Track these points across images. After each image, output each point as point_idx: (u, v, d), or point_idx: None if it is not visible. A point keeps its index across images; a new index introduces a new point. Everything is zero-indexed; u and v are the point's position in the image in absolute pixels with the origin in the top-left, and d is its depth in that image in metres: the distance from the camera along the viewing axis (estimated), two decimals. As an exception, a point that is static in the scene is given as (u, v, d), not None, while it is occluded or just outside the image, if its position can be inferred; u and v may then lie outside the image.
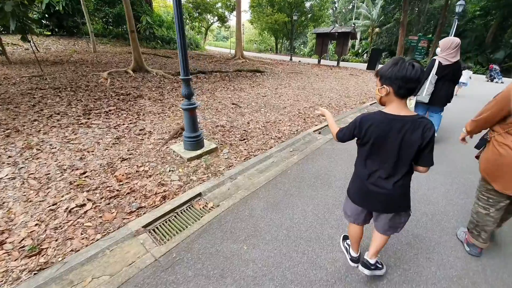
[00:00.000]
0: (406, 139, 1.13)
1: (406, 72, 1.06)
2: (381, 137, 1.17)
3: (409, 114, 1.14)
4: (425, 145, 1.13)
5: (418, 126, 1.11)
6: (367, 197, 1.33)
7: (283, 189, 2.53)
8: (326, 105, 6.02)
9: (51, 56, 10.87)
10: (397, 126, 1.13)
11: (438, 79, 3.47)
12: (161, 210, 2.26)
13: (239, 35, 15.63)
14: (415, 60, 1.10)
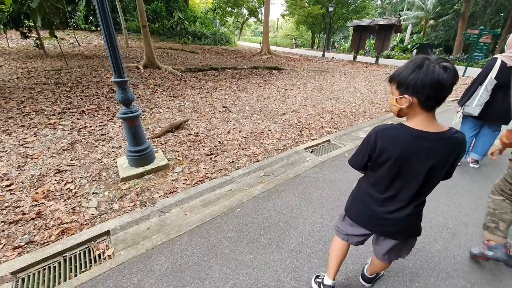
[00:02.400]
0: (439, 162, 0.92)
1: (438, 76, 0.81)
2: (404, 159, 0.94)
3: (441, 130, 0.91)
4: (455, 163, 0.96)
5: (454, 144, 0.90)
6: (375, 220, 1.10)
7: (209, 243, 1.81)
8: (338, 113, 4.95)
9: (86, 51, 11.63)
10: (426, 145, 0.90)
11: (498, 85, 2.38)
12: (45, 252, 1.77)
13: (266, 29, 14.78)
14: (445, 60, 0.83)
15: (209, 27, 22.03)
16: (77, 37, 15.03)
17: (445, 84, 0.82)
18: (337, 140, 3.74)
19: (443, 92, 0.84)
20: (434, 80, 0.82)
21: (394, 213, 1.03)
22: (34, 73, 6.49)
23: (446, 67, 0.81)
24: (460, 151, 0.92)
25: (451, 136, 0.90)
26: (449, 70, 0.81)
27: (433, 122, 0.91)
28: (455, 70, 0.83)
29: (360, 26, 13.41)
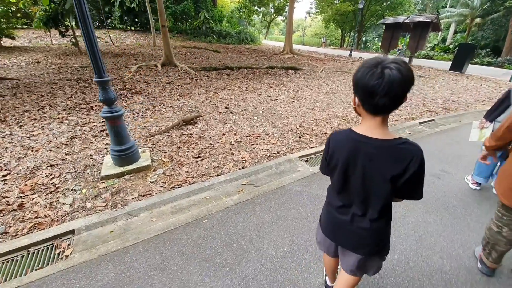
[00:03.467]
0: (373, 168, 0.86)
1: (368, 81, 0.76)
2: (349, 164, 0.90)
3: (385, 137, 0.84)
4: (408, 178, 0.84)
5: (397, 154, 0.83)
6: (337, 230, 1.06)
7: (162, 256, 1.70)
8: (349, 118, 4.54)
9: (117, 49, 12.41)
10: (368, 151, 0.86)
11: None
12: (12, 244, 1.82)
13: (290, 28, 14.39)
14: (400, 63, 0.75)
15: (234, 26, 22.21)
16: (112, 36, 16.15)
17: (375, 91, 0.75)
18: (339, 149, 3.40)
19: (375, 98, 0.76)
20: (364, 84, 0.77)
21: (351, 224, 0.99)
22: (63, 69, 7.07)
23: (384, 72, 0.73)
24: (409, 164, 0.82)
25: (396, 145, 0.83)
26: (385, 76, 0.73)
27: (379, 128, 0.85)
28: (397, 79, 0.73)
29: (393, 23, 12.34)
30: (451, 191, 2.43)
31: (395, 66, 0.74)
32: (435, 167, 2.90)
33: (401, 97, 0.77)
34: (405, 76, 0.74)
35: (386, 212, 0.97)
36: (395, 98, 0.77)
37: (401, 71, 0.74)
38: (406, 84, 0.75)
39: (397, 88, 0.74)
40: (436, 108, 5.45)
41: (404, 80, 0.74)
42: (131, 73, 6.80)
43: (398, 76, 0.73)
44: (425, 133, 4.06)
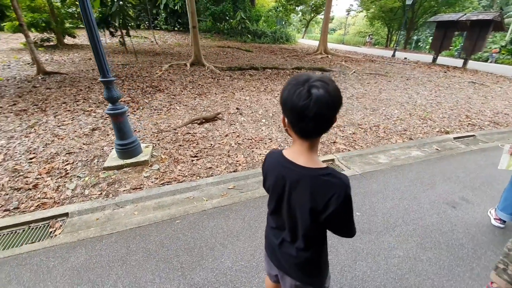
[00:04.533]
0: (296, 198, 0.78)
1: (297, 100, 0.65)
2: (277, 188, 0.83)
3: (308, 166, 0.75)
4: (330, 215, 0.73)
5: (318, 186, 0.73)
6: (272, 251, 0.99)
7: (127, 249, 1.80)
8: (366, 127, 4.14)
9: (159, 48, 13.45)
10: (292, 178, 0.78)
11: None
12: (19, 219, 2.12)
13: (325, 27, 13.76)
14: (326, 81, 0.66)
15: (271, 25, 22.15)
16: (156, 36, 17.57)
17: (304, 113, 0.65)
18: (344, 161, 3.14)
19: (304, 121, 0.66)
20: (292, 105, 0.66)
21: (280, 248, 0.92)
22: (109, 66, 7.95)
23: (311, 91, 0.63)
24: (330, 200, 0.71)
25: (318, 176, 0.73)
26: (313, 97, 0.63)
27: (306, 153, 0.76)
28: (319, 99, 0.63)
29: (445, 21, 10.82)
30: (464, 226, 2.04)
31: (322, 85, 0.64)
32: (453, 193, 2.46)
33: (330, 120, 0.68)
34: (333, 97, 0.65)
35: (316, 244, 0.88)
36: (324, 121, 0.68)
37: (328, 91, 0.64)
38: (334, 105, 0.66)
39: (325, 110, 0.65)
40: (481, 122, 4.62)
41: (333, 100, 0.65)
42: (161, 72, 7.31)
43: (326, 97, 0.63)
44: (457, 150, 3.47)
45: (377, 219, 2.08)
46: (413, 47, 26.25)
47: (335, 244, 1.82)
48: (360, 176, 2.76)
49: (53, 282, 1.57)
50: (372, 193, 2.44)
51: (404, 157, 3.31)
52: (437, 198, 2.38)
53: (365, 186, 2.56)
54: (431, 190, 2.50)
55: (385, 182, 2.65)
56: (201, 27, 21.27)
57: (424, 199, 2.36)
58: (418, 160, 3.16)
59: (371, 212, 2.17)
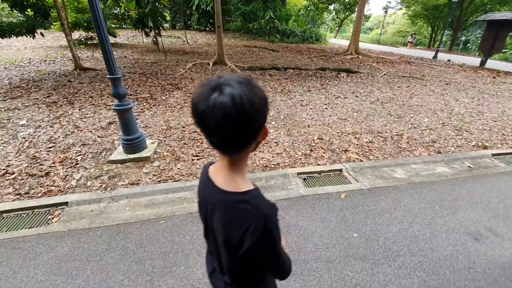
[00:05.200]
0: (213, 225, 0.65)
1: (199, 106, 0.51)
2: (201, 207, 0.72)
3: (225, 188, 0.61)
4: (247, 250, 0.57)
5: (232, 215, 0.59)
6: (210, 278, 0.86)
7: (108, 246, 1.81)
8: (387, 136, 3.73)
9: (189, 48, 13.96)
10: (210, 200, 0.65)
11: None
12: (25, 203, 2.29)
13: (357, 26, 12.95)
14: (243, 84, 0.51)
15: (301, 25, 21.64)
16: (188, 36, 18.30)
17: (203, 122, 0.51)
18: (353, 172, 2.85)
19: (208, 133, 0.53)
20: (193, 111, 0.54)
21: (211, 278, 0.81)
22: (138, 64, 8.46)
23: (210, 98, 0.49)
24: (245, 234, 0.56)
25: (234, 201, 0.59)
26: (209, 104, 0.49)
27: (224, 171, 0.62)
28: (217, 107, 0.48)
29: (498, 20, 9.41)
30: (485, 264, 1.67)
31: (230, 91, 0.49)
32: (479, 222, 2.06)
33: (241, 133, 0.52)
34: (237, 105, 0.48)
35: (247, 281, 0.72)
36: (231, 135, 0.52)
37: (233, 97, 0.48)
38: (240, 116, 0.49)
39: (225, 121, 0.49)
40: (534, 137, 3.88)
41: (237, 110, 0.48)
42: (184, 70, 7.54)
43: (227, 105, 0.48)
44: (494, 170, 2.94)
45: (377, 245, 1.82)
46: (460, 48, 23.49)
47: (319, 268, 1.62)
48: (368, 191, 2.46)
49: (35, 269, 1.64)
50: (377, 213, 2.15)
51: (427, 173, 2.90)
52: (457, 226, 2.01)
53: (371, 203, 2.28)
54: (451, 216, 2.12)
55: (396, 200, 2.33)
56: (230, 27, 21.64)
57: (440, 226, 2.01)
58: (442, 178, 2.74)
59: (371, 235, 1.90)
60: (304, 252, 1.73)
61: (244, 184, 0.62)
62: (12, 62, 7.82)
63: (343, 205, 2.24)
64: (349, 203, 2.26)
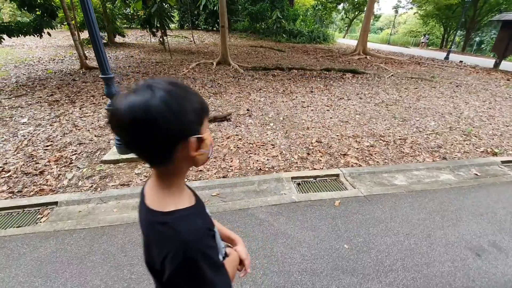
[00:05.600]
0: (147, 252, 0.59)
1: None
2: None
3: (151, 206, 0.55)
4: (168, 279, 0.50)
5: (152, 237, 0.54)
6: None
7: (89, 248, 1.78)
8: (389, 140, 3.58)
9: (195, 47, 14.01)
10: (140, 216, 0.61)
11: None
12: (17, 202, 2.29)
13: (366, 25, 12.65)
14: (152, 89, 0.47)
15: (309, 25, 21.40)
16: (196, 36, 18.39)
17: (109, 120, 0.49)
18: (350, 177, 2.74)
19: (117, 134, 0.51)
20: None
21: None
22: (143, 63, 8.54)
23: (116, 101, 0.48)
24: (165, 260, 0.50)
25: (154, 222, 0.54)
26: (117, 106, 0.47)
27: (154, 187, 0.58)
28: (113, 110, 0.47)
29: (517, 18, 8.97)
30: (487, 283, 1.53)
31: (132, 97, 0.46)
32: (483, 236, 1.91)
33: (142, 144, 0.49)
34: (131, 112, 0.45)
35: None
36: (132, 145, 0.50)
37: (132, 105, 0.45)
38: (132, 125, 0.46)
39: (118, 128, 0.48)
40: (550, 144, 3.63)
41: (131, 119, 0.45)
42: (188, 70, 7.55)
43: (120, 113, 0.46)
44: (503, 178, 2.76)
45: (369, 257, 1.71)
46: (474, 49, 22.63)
47: (303, 281, 1.53)
48: (364, 199, 2.35)
49: (17, 270, 1.62)
50: (372, 222, 2.04)
51: (429, 180, 2.75)
52: (457, 239, 1.87)
53: (366, 212, 2.16)
54: (452, 228, 1.98)
55: (393, 209, 2.21)
56: (238, 27, 21.64)
57: (439, 238, 1.88)
58: (446, 186, 2.58)
59: (363, 246, 1.79)
60: (289, 263, 1.64)
61: (172, 203, 0.55)
62: (22, 61, 8.04)
63: (336, 213, 2.13)
64: (342, 211, 2.16)
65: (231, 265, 0.75)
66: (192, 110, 0.51)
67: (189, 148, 0.52)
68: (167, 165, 0.54)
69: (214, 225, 0.67)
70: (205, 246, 0.53)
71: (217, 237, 0.68)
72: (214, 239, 0.60)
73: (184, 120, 0.50)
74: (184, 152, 0.53)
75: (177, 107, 0.48)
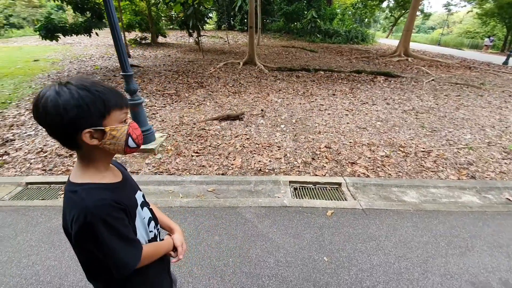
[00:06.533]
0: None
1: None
2: None
3: (72, 179, 0.67)
4: (74, 239, 0.63)
5: (65, 202, 0.66)
6: None
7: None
8: (410, 151, 3.25)
9: (228, 47, 14.47)
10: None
11: None
12: (47, 178, 2.69)
13: (409, 25, 11.56)
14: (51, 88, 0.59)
15: (347, 24, 20.37)
16: (230, 36, 18.95)
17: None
18: (353, 187, 2.57)
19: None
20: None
21: None
22: (177, 62, 9.13)
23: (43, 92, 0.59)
24: (72, 220, 0.60)
25: (68, 190, 0.65)
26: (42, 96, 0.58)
27: (76, 165, 0.68)
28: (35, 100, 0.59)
29: None
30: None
31: (44, 91, 0.58)
32: (494, 271, 1.62)
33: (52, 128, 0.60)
34: (38, 103, 0.57)
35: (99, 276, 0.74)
36: (46, 127, 0.60)
37: (39, 97, 0.57)
38: (38, 114, 0.58)
39: (35, 114, 0.59)
40: None
41: (36, 108, 0.58)
42: (215, 69, 7.84)
43: (34, 101, 0.58)
44: (545, 207, 2.30)
45: (347, 275, 1.60)
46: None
47: (270, 286, 1.51)
48: (361, 212, 2.19)
49: (31, 235, 1.91)
50: (362, 238, 1.89)
51: (447, 200, 2.43)
52: (460, 271, 1.63)
53: (360, 226, 2.01)
54: (457, 257, 1.73)
55: (392, 228, 2.01)
56: (272, 27, 21.64)
57: (437, 266, 1.66)
58: (465, 209, 2.26)
59: (345, 262, 1.68)
60: (261, 267, 1.63)
61: (87, 178, 0.65)
62: (77, 57, 9.26)
63: (326, 223, 2.03)
64: (333, 222, 2.05)
65: (158, 247, 0.83)
66: (89, 105, 0.59)
67: (85, 138, 0.60)
68: (79, 150, 0.64)
69: (135, 204, 0.75)
70: (107, 215, 0.61)
71: (140, 217, 0.77)
72: (122, 212, 0.66)
73: (77, 114, 0.57)
74: (86, 141, 0.60)
75: (69, 103, 0.56)
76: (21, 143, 3.32)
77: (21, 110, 4.37)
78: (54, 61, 8.71)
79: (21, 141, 3.39)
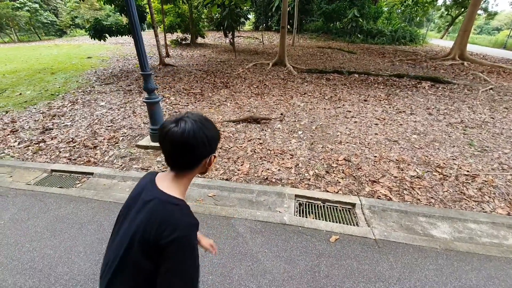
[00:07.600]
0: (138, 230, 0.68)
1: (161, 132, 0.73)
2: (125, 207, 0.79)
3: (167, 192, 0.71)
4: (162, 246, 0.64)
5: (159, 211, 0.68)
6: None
7: (97, 223, 2.08)
8: (449, 174, 2.72)
9: (261, 48, 14.52)
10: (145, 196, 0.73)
11: None
12: (67, 167, 2.94)
13: (467, 24, 10.01)
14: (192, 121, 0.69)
15: (394, 23, 18.63)
16: (266, 37, 18.96)
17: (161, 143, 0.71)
18: (369, 211, 2.25)
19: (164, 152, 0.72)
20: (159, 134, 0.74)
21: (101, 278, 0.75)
22: (209, 62, 9.42)
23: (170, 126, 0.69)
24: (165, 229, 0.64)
25: (167, 201, 0.69)
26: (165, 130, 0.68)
27: (168, 181, 0.74)
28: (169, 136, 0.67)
29: None
30: None
31: (182, 125, 0.67)
32: None
33: (181, 158, 0.70)
34: (184, 137, 0.66)
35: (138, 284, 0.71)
36: (176, 158, 0.71)
37: (183, 131, 0.66)
38: (183, 146, 0.67)
39: (173, 148, 0.68)
40: None
41: (182, 142, 0.66)
42: (243, 70, 7.85)
43: (177, 135, 0.66)
44: None
45: (340, 317, 1.35)
46: None
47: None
48: (373, 243, 1.87)
49: (40, 221, 2.07)
50: (368, 277, 1.60)
51: (488, 240, 1.95)
52: None
53: (368, 260, 1.72)
54: (492, 322, 1.34)
55: (409, 269, 1.67)
56: (309, 27, 20.98)
57: (461, 330, 1.30)
58: (510, 255, 1.77)
59: (340, 301, 1.43)
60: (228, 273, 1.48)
61: (180, 195, 0.73)
62: (124, 56, 10.19)
63: (326, 250, 1.78)
64: (335, 251, 1.79)
65: None
66: (216, 137, 0.74)
67: (208, 163, 0.75)
68: (191, 171, 0.75)
69: None
70: (194, 237, 0.68)
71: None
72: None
73: (213, 145, 0.73)
74: (203, 164, 0.75)
75: (211, 137, 0.71)
76: (57, 132, 3.71)
77: (65, 102, 4.92)
78: (104, 59, 9.73)
79: (58, 130, 3.79)
